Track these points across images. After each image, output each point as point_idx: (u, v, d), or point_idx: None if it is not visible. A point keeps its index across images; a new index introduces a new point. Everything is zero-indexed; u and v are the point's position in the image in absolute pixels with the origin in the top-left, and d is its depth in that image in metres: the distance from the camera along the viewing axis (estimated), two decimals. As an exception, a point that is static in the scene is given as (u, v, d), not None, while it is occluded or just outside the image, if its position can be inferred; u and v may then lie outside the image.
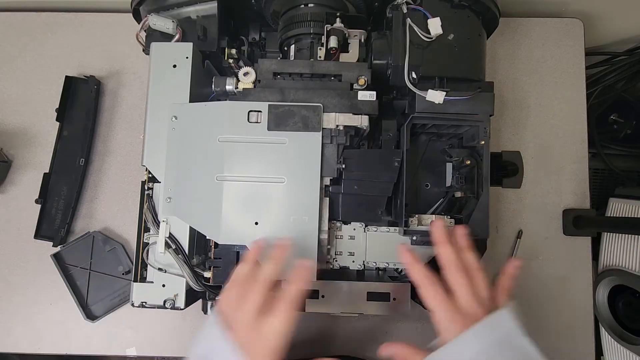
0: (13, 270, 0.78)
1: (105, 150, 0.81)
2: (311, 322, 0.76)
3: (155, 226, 0.56)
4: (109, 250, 0.77)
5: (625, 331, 0.77)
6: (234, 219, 0.54)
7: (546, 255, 0.78)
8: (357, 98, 0.55)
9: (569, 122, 0.81)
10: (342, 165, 0.55)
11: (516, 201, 0.79)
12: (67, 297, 0.76)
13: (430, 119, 0.58)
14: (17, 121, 0.82)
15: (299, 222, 0.54)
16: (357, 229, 0.60)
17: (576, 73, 0.82)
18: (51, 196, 0.77)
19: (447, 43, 0.56)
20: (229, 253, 0.57)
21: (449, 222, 0.58)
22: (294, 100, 0.55)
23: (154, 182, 0.57)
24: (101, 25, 0.85)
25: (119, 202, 0.80)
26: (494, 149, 0.59)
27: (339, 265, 0.59)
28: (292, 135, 0.54)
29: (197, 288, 0.56)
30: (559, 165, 0.80)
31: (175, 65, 0.57)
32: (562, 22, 0.84)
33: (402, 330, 0.76)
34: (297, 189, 0.54)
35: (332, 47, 0.58)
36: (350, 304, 0.58)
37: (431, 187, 0.65)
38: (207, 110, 0.56)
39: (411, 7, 0.56)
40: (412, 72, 0.55)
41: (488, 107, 0.56)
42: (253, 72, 0.58)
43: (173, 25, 0.60)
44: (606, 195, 0.85)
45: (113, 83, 0.83)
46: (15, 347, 0.76)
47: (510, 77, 0.83)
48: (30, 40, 0.84)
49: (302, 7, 0.63)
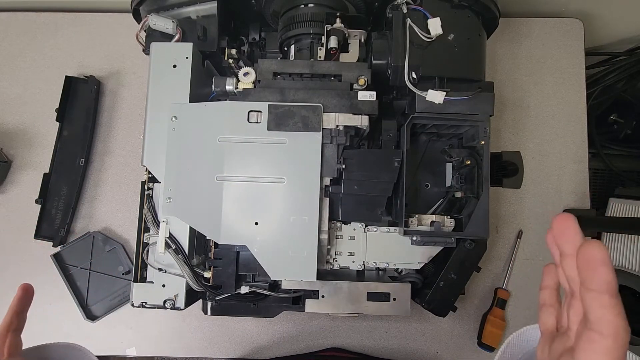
0: (13, 270, 0.78)
1: (105, 150, 0.81)
2: (311, 322, 0.76)
3: (155, 226, 0.56)
4: (109, 250, 0.77)
5: (625, 331, 0.77)
6: (234, 219, 0.54)
7: (546, 255, 0.78)
8: (357, 98, 0.55)
9: (569, 122, 0.81)
10: (342, 166, 0.55)
11: (516, 201, 0.79)
12: (67, 297, 0.76)
13: (430, 119, 0.58)
14: (17, 121, 0.82)
15: (299, 222, 0.54)
16: (357, 229, 0.60)
17: (576, 73, 0.82)
18: (51, 196, 0.77)
19: (447, 43, 0.56)
20: (229, 253, 0.57)
21: (449, 222, 0.58)
22: (294, 100, 0.55)
23: (154, 182, 0.57)
24: (101, 25, 0.85)
25: (119, 202, 0.80)
26: (494, 149, 0.59)
27: (339, 265, 0.59)
28: (292, 135, 0.54)
29: (197, 288, 0.56)
30: (559, 165, 0.80)
31: (175, 65, 0.57)
32: (562, 22, 0.84)
33: (402, 330, 0.76)
34: (297, 189, 0.54)
35: (332, 47, 0.58)
36: (350, 304, 0.58)
37: (431, 187, 0.65)
38: (207, 110, 0.56)
39: (411, 7, 0.56)
40: (412, 72, 0.55)
41: (488, 107, 0.56)
42: (253, 72, 0.58)
43: (173, 25, 0.60)
44: (606, 195, 0.85)
45: (113, 83, 0.83)
46: (15, 347, 0.76)
47: (510, 77, 0.83)
48: (30, 40, 0.84)
49: (302, 7, 0.63)
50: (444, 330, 0.76)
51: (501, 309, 0.75)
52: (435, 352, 0.76)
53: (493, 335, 0.73)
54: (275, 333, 0.76)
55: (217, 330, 0.77)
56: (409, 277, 0.61)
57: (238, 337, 0.76)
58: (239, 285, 0.58)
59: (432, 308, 0.60)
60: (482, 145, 0.57)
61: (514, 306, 0.76)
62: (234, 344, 0.76)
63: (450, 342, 0.76)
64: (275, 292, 0.59)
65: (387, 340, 0.76)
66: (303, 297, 0.59)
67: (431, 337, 0.76)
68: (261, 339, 0.76)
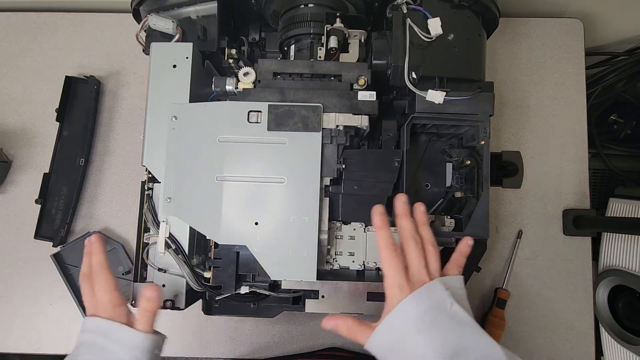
0: (13, 270, 0.78)
1: (105, 150, 0.81)
2: (311, 322, 0.76)
3: (155, 226, 0.56)
4: (109, 250, 0.77)
5: (625, 331, 0.77)
6: (234, 219, 0.54)
7: (546, 255, 0.78)
8: (357, 98, 0.55)
9: (569, 122, 0.81)
10: (342, 166, 0.55)
11: (516, 201, 0.79)
12: (67, 297, 0.76)
13: (430, 119, 0.58)
14: (17, 121, 0.82)
15: (299, 222, 0.54)
16: (357, 229, 0.60)
17: (576, 73, 0.82)
18: (51, 196, 0.77)
19: (447, 43, 0.56)
20: (229, 253, 0.57)
21: (449, 222, 0.58)
22: (294, 101, 0.55)
23: (154, 182, 0.57)
24: (101, 25, 0.85)
25: (119, 202, 0.80)
26: (494, 149, 0.59)
27: (339, 265, 0.59)
28: (292, 135, 0.54)
29: (197, 288, 0.56)
30: (559, 165, 0.80)
31: (175, 65, 0.57)
32: (562, 22, 0.84)
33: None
34: (297, 189, 0.54)
35: (332, 47, 0.58)
36: (350, 304, 0.58)
37: (431, 187, 0.65)
38: (207, 110, 0.56)
39: (411, 7, 0.56)
40: (412, 72, 0.55)
41: (488, 107, 0.56)
42: (253, 72, 0.58)
43: (173, 25, 0.60)
44: (606, 195, 0.85)
45: (113, 83, 0.83)
46: (15, 347, 0.76)
47: (510, 77, 0.83)
48: (30, 40, 0.84)
49: (302, 7, 0.63)
50: (444, 330, 0.76)
51: (501, 309, 0.75)
52: (435, 352, 0.76)
53: (493, 335, 0.72)
54: (275, 333, 0.76)
55: (217, 330, 0.77)
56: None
57: (238, 337, 0.76)
58: (239, 285, 0.58)
59: (432, 308, 0.60)
60: (482, 145, 0.57)
61: (514, 306, 0.76)
62: (234, 344, 0.76)
63: (450, 342, 0.76)
64: (275, 292, 0.59)
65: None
66: (303, 297, 0.59)
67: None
68: (261, 339, 0.76)
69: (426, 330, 0.40)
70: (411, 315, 0.41)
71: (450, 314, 0.41)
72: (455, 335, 0.40)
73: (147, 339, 0.47)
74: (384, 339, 0.43)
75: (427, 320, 0.40)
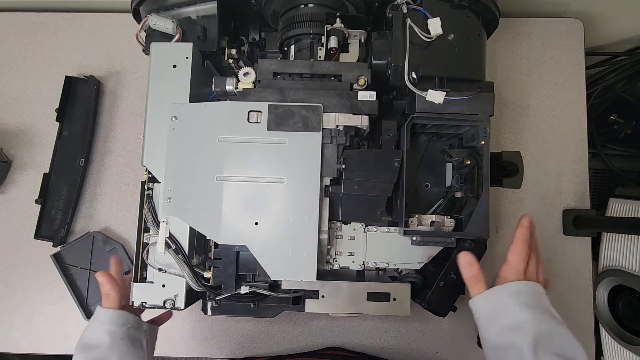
0: (13, 270, 0.78)
1: (105, 150, 0.81)
2: (311, 322, 0.76)
3: (155, 226, 0.56)
4: (109, 250, 0.77)
5: (625, 331, 0.77)
6: (234, 219, 0.54)
7: (546, 255, 0.78)
8: (357, 98, 0.55)
9: (569, 122, 0.81)
10: (342, 166, 0.55)
11: (516, 201, 0.79)
12: (67, 297, 0.76)
13: (430, 119, 0.58)
14: (17, 121, 0.82)
15: (299, 222, 0.54)
16: (357, 229, 0.60)
17: (576, 73, 0.82)
18: (51, 196, 0.77)
19: (447, 43, 0.56)
20: (229, 253, 0.57)
21: (449, 222, 0.58)
22: (294, 101, 0.55)
23: (154, 182, 0.57)
24: (101, 25, 0.85)
25: (119, 202, 0.80)
26: (494, 149, 0.59)
27: (339, 265, 0.59)
28: (292, 135, 0.54)
29: (197, 288, 0.56)
30: (559, 165, 0.80)
31: (175, 65, 0.57)
32: (562, 22, 0.84)
33: (402, 330, 0.76)
34: (297, 189, 0.54)
35: (332, 47, 0.58)
36: (350, 304, 0.58)
37: (431, 187, 0.65)
38: (207, 110, 0.56)
39: (411, 7, 0.56)
40: (412, 72, 0.55)
41: (488, 107, 0.56)
42: (253, 72, 0.58)
43: (173, 26, 0.60)
44: (606, 195, 0.85)
45: (113, 83, 0.83)
46: (15, 347, 0.76)
47: (510, 77, 0.83)
48: (30, 40, 0.84)
49: (302, 7, 0.63)
50: (444, 330, 0.76)
51: (501, 309, 0.74)
52: (435, 352, 0.76)
53: (493, 335, 0.73)
54: (275, 333, 0.76)
55: (217, 330, 0.77)
56: (409, 277, 0.61)
57: (238, 337, 0.76)
58: (239, 285, 0.58)
59: (432, 308, 0.60)
60: (482, 145, 0.57)
61: (514, 306, 0.76)
62: (234, 344, 0.76)
63: (450, 342, 0.76)
64: (275, 292, 0.59)
65: (387, 340, 0.76)
66: (303, 297, 0.59)
67: (431, 337, 0.76)
68: (261, 339, 0.76)
69: (527, 309, 0.47)
70: (520, 295, 0.49)
71: (546, 309, 0.49)
72: (548, 324, 0.47)
73: (115, 313, 0.54)
74: (490, 303, 0.51)
75: (531, 303, 0.48)
